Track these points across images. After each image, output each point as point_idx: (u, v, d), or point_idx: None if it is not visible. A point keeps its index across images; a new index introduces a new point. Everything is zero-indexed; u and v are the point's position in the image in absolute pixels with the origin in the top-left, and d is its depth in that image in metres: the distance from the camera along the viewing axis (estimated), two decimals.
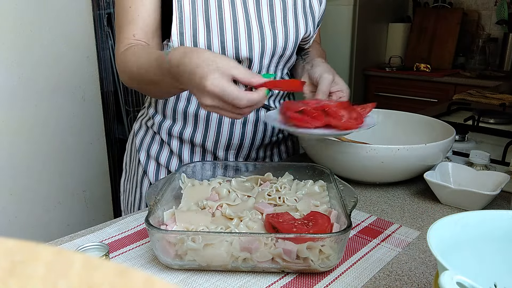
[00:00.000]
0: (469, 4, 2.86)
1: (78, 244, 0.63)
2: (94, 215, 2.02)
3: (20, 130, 1.71)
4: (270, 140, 0.97)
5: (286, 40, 0.88)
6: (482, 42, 2.68)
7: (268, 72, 0.90)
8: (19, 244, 0.16)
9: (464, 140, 1.09)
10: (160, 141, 0.96)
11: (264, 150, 0.98)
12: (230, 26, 0.82)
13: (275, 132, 0.97)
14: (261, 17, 0.85)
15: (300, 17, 0.90)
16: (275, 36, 0.86)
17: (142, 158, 0.97)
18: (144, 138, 0.98)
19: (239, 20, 0.83)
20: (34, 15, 1.68)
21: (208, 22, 0.81)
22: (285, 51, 0.89)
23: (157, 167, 0.96)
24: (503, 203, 0.78)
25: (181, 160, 0.94)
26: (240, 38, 0.83)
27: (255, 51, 0.85)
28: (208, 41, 0.81)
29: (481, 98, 1.51)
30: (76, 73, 1.86)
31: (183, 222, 0.60)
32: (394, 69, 2.78)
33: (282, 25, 0.87)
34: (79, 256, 0.16)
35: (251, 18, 0.84)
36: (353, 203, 0.61)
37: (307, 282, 0.55)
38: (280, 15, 0.87)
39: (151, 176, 0.96)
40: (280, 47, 0.88)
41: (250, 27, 0.84)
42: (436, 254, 0.36)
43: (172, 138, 0.93)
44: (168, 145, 0.94)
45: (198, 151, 0.94)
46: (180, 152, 0.94)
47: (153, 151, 0.96)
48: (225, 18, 0.82)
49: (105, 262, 0.16)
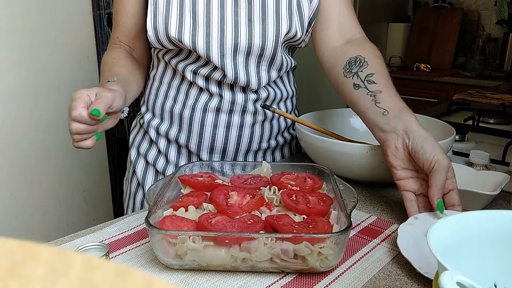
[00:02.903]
0: (469, 4, 2.86)
1: (78, 244, 0.63)
2: (94, 215, 2.02)
3: (20, 130, 1.71)
4: (259, 147, 0.94)
5: (264, 38, 0.82)
6: (482, 42, 2.68)
7: (248, 72, 0.85)
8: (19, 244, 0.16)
9: (464, 140, 1.09)
10: (149, 140, 0.96)
11: (254, 156, 0.95)
12: (202, 21, 0.81)
13: (264, 138, 0.94)
14: (238, 13, 0.82)
15: (284, 14, 0.83)
16: (250, 33, 0.82)
17: (132, 155, 0.98)
18: (136, 136, 0.99)
19: (212, 16, 0.81)
20: (34, 15, 1.68)
21: (181, 16, 0.81)
22: (264, 50, 0.83)
23: (146, 166, 0.96)
24: (503, 203, 0.78)
25: (168, 160, 0.94)
26: (212, 33, 0.81)
27: (227, 48, 0.82)
28: (180, 35, 0.80)
29: (481, 98, 1.51)
30: (76, 73, 1.86)
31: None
32: (394, 69, 2.78)
33: (260, 22, 0.82)
34: (79, 256, 0.16)
35: (227, 14, 0.82)
36: (353, 203, 0.61)
37: (307, 282, 0.55)
38: (259, 12, 0.82)
39: (139, 174, 0.96)
40: (257, 45, 0.83)
41: (224, 22, 0.82)
42: (436, 254, 0.36)
43: (160, 137, 0.93)
44: (156, 144, 0.94)
45: (184, 153, 0.93)
46: (167, 152, 0.93)
47: (142, 148, 0.97)
48: (198, 13, 0.81)
49: (105, 262, 0.16)
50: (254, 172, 0.76)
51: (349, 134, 0.94)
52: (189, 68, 0.86)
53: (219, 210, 0.62)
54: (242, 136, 0.90)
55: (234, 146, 0.91)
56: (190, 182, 0.69)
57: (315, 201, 0.64)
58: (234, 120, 0.88)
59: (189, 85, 0.88)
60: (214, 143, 0.90)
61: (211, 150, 0.91)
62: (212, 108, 0.87)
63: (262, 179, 0.71)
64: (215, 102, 0.87)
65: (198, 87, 0.88)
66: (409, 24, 2.97)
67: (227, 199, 0.64)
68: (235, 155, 0.92)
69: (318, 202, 0.64)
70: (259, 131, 0.92)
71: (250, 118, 0.90)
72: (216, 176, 0.73)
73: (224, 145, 0.90)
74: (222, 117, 0.88)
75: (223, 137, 0.89)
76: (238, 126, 0.89)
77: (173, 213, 0.61)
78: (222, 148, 0.90)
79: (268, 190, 0.67)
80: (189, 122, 0.89)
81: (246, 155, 0.94)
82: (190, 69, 0.86)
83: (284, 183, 0.69)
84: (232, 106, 0.87)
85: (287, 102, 0.98)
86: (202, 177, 0.72)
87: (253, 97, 0.88)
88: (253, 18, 0.82)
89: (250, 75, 0.85)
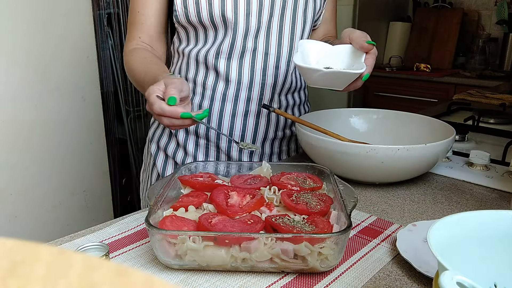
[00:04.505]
0: (469, 4, 2.86)
1: (78, 244, 0.63)
2: (94, 215, 2.02)
3: (20, 130, 1.71)
4: (274, 135, 0.98)
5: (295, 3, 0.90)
6: (482, 42, 2.68)
7: (281, 39, 0.91)
8: (19, 244, 0.16)
9: (464, 140, 1.09)
10: (169, 133, 0.99)
11: (270, 145, 0.99)
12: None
13: (280, 126, 0.98)
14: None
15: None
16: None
17: (152, 149, 1.02)
18: (156, 130, 1.03)
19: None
20: (34, 15, 1.68)
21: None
22: (296, 17, 0.91)
23: (165, 159, 1.00)
24: (503, 203, 0.78)
25: (186, 153, 0.97)
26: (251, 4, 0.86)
27: (263, 16, 0.88)
28: (222, 9, 0.85)
29: (481, 98, 1.51)
30: (76, 73, 1.86)
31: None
32: (394, 69, 2.78)
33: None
34: (79, 256, 0.16)
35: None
36: (353, 203, 0.61)
37: (307, 282, 0.55)
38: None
39: (159, 167, 1.00)
40: (289, 10, 0.89)
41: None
42: (436, 254, 0.36)
43: (179, 129, 0.96)
44: (175, 136, 0.98)
45: (202, 144, 0.96)
46: (185, 144, 0.96)
47: (162, 142, 1.00)
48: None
49: (105, 262, 0.16)
50: (254, 172, 0.76)
51: (349, 134, 0.94)
52: (211, 52, 0.90)
53: (219, 210, 0.62)
54: (259, 123, 0.95)
55: (252, 134, 0.95)
56: (190, 182, 0.69)
57: (315, 201, 0.64)
58: (251, 108, 0.93)
59: (205, 76, 0.92)
60: (233, 132, 0.94)
61: (230, 139, 0.94)
62: (231, 98, 0.92)
63: (262, 179, 0.71)
64: (233, 90, 0.91)
65: (214, 74, 0.91)
66: (409, 24, 2.96)
67: (227, 199, 0.64)
68: (253, 143, 0.96)
69: (318, 202, 0.64)
70: (275, 119, 0.97)
71: (264, 111, 0.94)
72: (216, 176, 0.73)
73: (242, 133, 0.94)
74: (240, 106, 0.92)
75: (241, 125, 0.94)
76: (255, 114, 0.94)
77: (173, 213, 0.61)
78: (241, 137, 0.94)
79: (268, 190, 0.67)
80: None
81: (263, 144, 0.98)
82: (212, 54, 0.90)
83: (284, 183, 0.69)
84: (250, 93, 0.92)
85: (301, 93, 1.03)
86: (202, 177, 0.72)
87: (270, 82, 0.92)
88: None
89: (282, 43, 0.91)
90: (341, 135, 0.89)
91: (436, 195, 0.81)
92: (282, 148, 1.02)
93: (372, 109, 1.05)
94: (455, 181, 0.88)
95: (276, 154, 1.01)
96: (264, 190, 0.67)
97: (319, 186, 0.70)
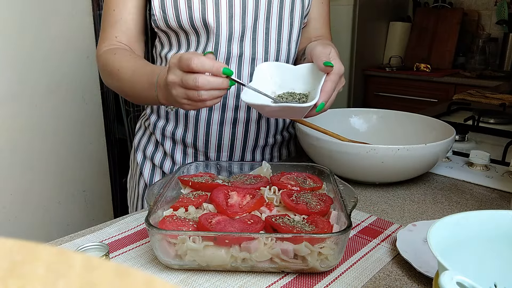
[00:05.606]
0: (469, 4, 2.86)
1: (78, 244, 0.63)
2: (94, 215, 2.02)
3: (20, 130, 1.71)
4: (265, 142, 0.94)
5: (281, 7, 0.85)
6: (482, 42, 2.68)
7: (268, 44, 0.87)
8: (19, 244, 0.16)
9: (464, 140, 1.09)
10: (155, 142, 0.96)
11: (261, 152, 0.96)
12: (225, 1, 0.81)
13: (271, 133, 0.95)
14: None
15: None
16: (269, 3, 0.84)
17: (138, 158, 0.98)
18: (141, 138, 0.99)
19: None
20: (34, 15, 1.68)
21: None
22: (282, 22, 0.86)
23: (152, 168, 0.96)
24: (503, 203, 0.78)
25: (174, 162, 0.94)
26: (234, 11, 0.82)
27: (247, 23, 0.83)
28: (203, 15, 0.80)
29: (481, 98, 1.51)
30: (76, 73, 1.86)
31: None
32: (394, 69, 2.78)
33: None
34: (79, 256, 0.16)
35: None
36: (353, 203, 0.61)
37: (307, 282, 0.55)
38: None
39: (146, 177, 0.97)
40: (275, 15, 0.85)
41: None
42: (436, 254, 0.36)
43: (166, 138, 0.93)
44: (162, 146, 0.95)
45: (191, 153, 0.93)
46: (173, 153, 0.93)
47: (148, 151, 0.97)
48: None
49: (105, 262, 0.16)
50: (254, 172, 0.76)
51: (349, 134, 0.94)
52: None
53: (219, 210, 0.62)
54: (248, 131, 0.91)
55: (241, 142, 0.91)
56: (190, 182, 0.69)
57: (315, 201, 0.64)
58: (240, 116, 0.89)
59: None
60: (222, 140, 0.90)
61: (219, 148, 0.91)
62: (218, 106, 0.88)
63: (262, 179, 0.71)
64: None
65: None
66: (409, 24, 2.96)
67: (227, 199, 0.64)
68: (243, 151, 0.93)
69: (318, 202, 0.64)
70: (265, 125, 0.93)
71: (256, 113, 0.91)
72: (216, 176, 0.73)
73: (231, 142, 0.91)
74: (228, 114, 0.88)
75: (230, 134, 0.90)
76: (244, 121, 0.90)
77: (173, 213, 0.61)
78: (230, 145, 0.91)
79: (268, 190, 0.67)
80: (195, 121, 0.89)
81: (253, 152, 0.94)
82: None
83: (284, 183, 0.69)
84: (238, 101, 0.88)
85: None
86: (202, 177, 0.72)
87: None
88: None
89: (269, 47, 0.87)
90: (341, 135, 0.89)
91: (436, 195, 0.81)
92: (274, 154, 0.99)
93: (372, 109, 1.05)
94: (455, 181, 0.88)
95: (268, 161, 0.99)
96: (264, 190, 0.67)
97: (319, 186, 0.70)
